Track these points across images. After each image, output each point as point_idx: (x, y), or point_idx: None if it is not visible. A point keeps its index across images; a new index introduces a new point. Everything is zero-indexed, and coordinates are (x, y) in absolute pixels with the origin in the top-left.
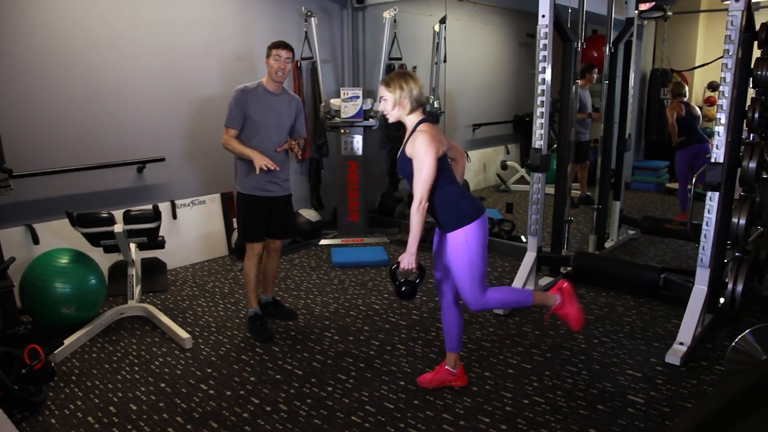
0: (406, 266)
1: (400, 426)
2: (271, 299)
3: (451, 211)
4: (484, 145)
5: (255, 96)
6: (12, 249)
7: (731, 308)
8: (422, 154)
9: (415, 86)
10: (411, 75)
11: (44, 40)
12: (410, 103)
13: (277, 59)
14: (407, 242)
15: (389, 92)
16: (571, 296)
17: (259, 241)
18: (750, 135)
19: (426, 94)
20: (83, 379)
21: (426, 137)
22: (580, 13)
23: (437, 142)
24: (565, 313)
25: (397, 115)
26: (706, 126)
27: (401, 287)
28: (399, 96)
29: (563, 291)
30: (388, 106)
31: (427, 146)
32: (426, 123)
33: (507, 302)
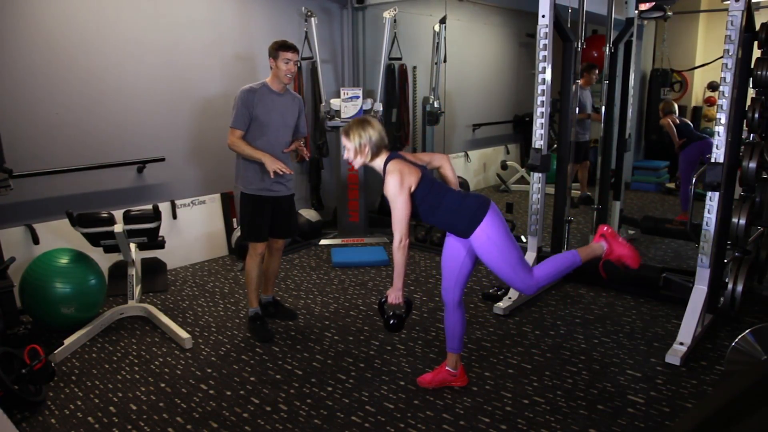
0: (394, 301)
1: (400, 426)
2: (271, 299)
3: (460, 216)
4: (484, 145)
5: (261, 96)
6: (12, 249)
7: (731, 308)
8: (393, 196)
9: (374, 132)
10: (369, 121)
11: (44, 40)
12: (371, 149)
13: (287, 62)
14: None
15: (350, 141)
16: (615, 238)
17: (264, 241)
18: (750, 135)
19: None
20: (83, 379)
21: (394, 178)
22: (580, 13)
23: (407, 176)
24: (617, 256)
25: (360, 162)
26: (706, 126)
27: (389, 320)
28: (359, 144)
29: (606, 236)
30: (351, 155)
31: (396, 187)
32: (392, 161)
33: (558, 272)
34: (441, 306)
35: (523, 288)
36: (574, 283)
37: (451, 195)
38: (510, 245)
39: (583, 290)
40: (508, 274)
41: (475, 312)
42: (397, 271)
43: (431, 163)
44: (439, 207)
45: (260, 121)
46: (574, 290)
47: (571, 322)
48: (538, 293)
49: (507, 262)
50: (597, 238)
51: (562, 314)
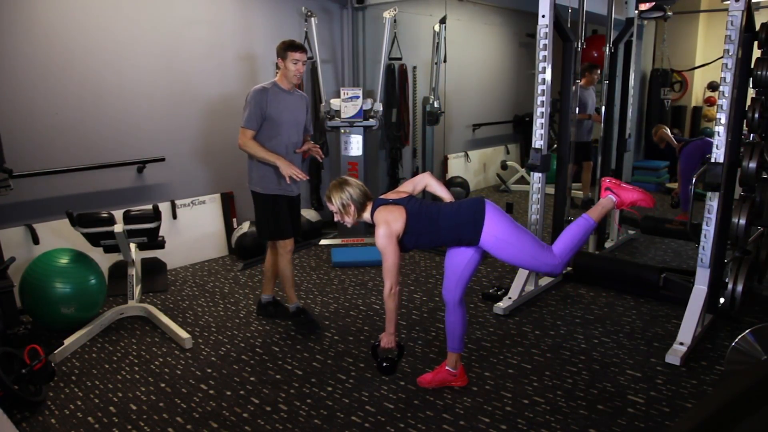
0: (386, 345)
1: (400, 426)
2: (271, 299)
3: (462, 228)
4: (484, 145)
5: (273, 96)
6: (12, 249)
7: (731, 308)
8: (382, 247)
9: (353, 189)
10: (346, 181)
11: (44, 40)
12: (354, 205)
13: (295, 63)
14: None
15: (333, 205)
16: (620, 187)
17: (290, 237)
18: (750, 135)
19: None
20: (83, 379)
21: (382, 230)
22: (580, 13)
23: (393, 224)
24: (629, 202)
25: (351, 220)
26: (706, 126)
27: (382, 363)
28: (341, 205)
29: (611, 187)
30: (340, 217)
31: (384, 238)
32: (378, 210)
33: (577, 241)
34: (441, 306)
35: (550, 270)
36: (574, 283)
37: (445, 213)
38: (520, 235)
39: (583, 290)
40: (529, 263)
41: (475, 312)
42: (388, 317)
43: (415, 189)
44: (439, 230)
45: (273, 121)
46: (574, 290)
47: (571, 322)
48: (537, 294)
49: (524, 252)
50: (603, 193)
51: (562, 314)
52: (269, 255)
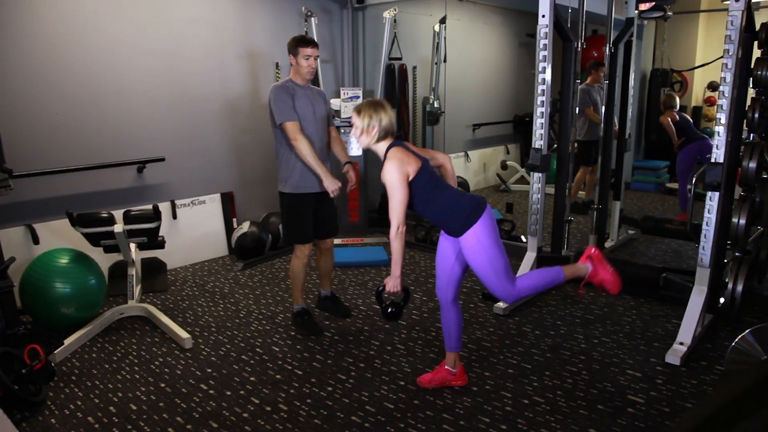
0: (392, 289)
1: (400, 426)
2: (329, 294)
3: (454, 215)
4: (484, 145)
5: (294, 92)
6: (12, 249)
7: (731, 308)
8: (391, 182)
9: (385, 116)
10: (382, 105)
11: (44, 40)
12: (378, 132)
13: (307, 58)
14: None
15: (359, 120)
16: (601, 261)
17: (308, 242)
18: (750, 135)
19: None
20: (83, 379)
21: (393, 164)
22: (580, 13)
23: (407, 165)
24: (599, 279)
25: (365, 142)
26: (706, 126)
27: (387, 308)
28: (367, 124)
29: (593, 258)
30: (356, 132)
31: (394, 173)
32: (394, 148)
33: (539, 286)
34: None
35: (503, 296)
36: (574, 283)
37: (449, 192)
38: (498, 252)
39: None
40: (491, 279)
41: (475, 312)
42: (395, 258)
43: (434, 159)
44: (435, 202)
45: (298, 115)
46: (574, 290)
47: (571, 322)
48: (537, 293)
49: (493, 268)
50: (584, 258)
51: (562, 314)
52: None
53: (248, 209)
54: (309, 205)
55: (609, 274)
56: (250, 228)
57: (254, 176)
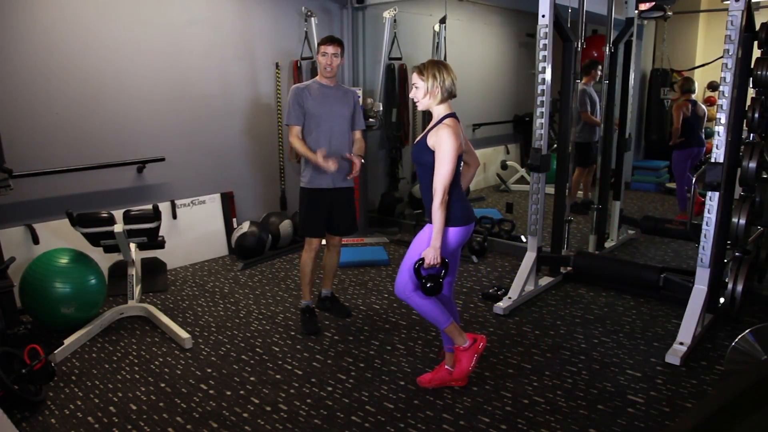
0: (432, 261)
1: (400, 426)
2: (329, 294)
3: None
4: (484, 145)
5: (311, 91)
6: (12, 249)
7: (731, 308)
8: (446, 150)
9: (448, 76)
10: (445, 65)
11: (44, 40)
12: (441, 93)
13: (324, 55)
14: (431, 236)
15: (422, 80)
16: (476, 353)
17: (319, 237)
18: (750, 135)
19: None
20: (83, 379)
21: (451, 132)
22: (580, 13)
23: (459, 140)
24: (458, 358)
25: (427, 103)
26: (706, 126)
27: (427, 284)
28: (431, 85)
29: (477, 341)
30: (419, 93)
31: (451, 142)
32: (452, 118)
33: (425, 312)
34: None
35: (400, 288)
36: (574, 283)
37: (458, 190)
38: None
39: (583, 290)
40: (404, 272)
41: (475, 312)
42: (436, 228)
43: (469, 153)
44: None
45: (312, 114)
46: (574, 290)
47: (571, 322)
48: (537, 293)
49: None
50: (471, 335)
51: (562, 314)
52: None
53: (248, 209)
54: (322, 200)
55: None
56: (250, 228)
57: (254, 176)
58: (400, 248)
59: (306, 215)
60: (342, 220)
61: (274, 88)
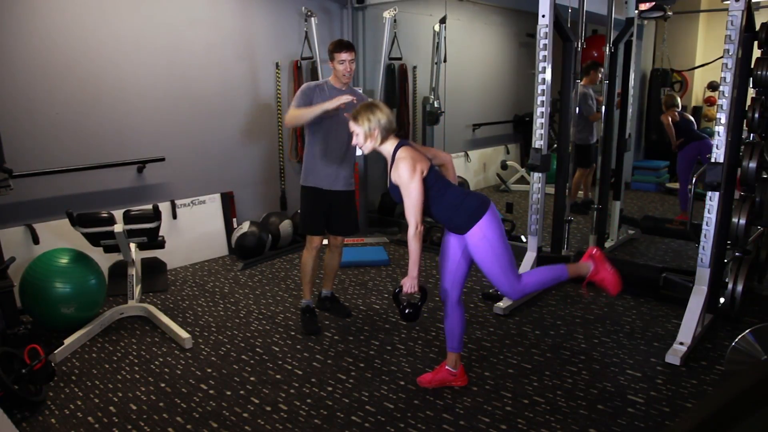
0: (409, 290)
1: (400, 426)
2: (329, 294)
3: (459, 212)
4: (484, 145)
5: (321, 91)
6: (12, 249)
7: (731, 308)
8: (406, 181)
9: (383, 115)
10: (377, 105)
11: (44, 40)
12: (380, 132)
13: (342, 63)
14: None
15: (359, 126)
16: (602, 262)
17: (318, 234)
18: (750, 135)
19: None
20: (83, 379)
21: (407, 163)
22: (580, 13)
23: (419, 163)
24: (600, 278)
25: (370, 146)
26: (706, 126)
27: (405, 310)
28: (368, 128)
29: (594, 257)
30: (360, 139)
31: (408, 172)
32: (403, 147)
33: (544, 282)
34: (441, 306)
35: (510, 292)
36: (574, 283)
37: (453, 190)
38: (504, 248)
39: (583, 290)
40: (498, 275)
41: (475, 312)
42: (412, 258)
43: (435, 158)
44: (441, 200)
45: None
46: (574, 290)
47: (571, 322)
48: (537, 293)
49: (499, 264)
50: (586, 257)
51: (562, 314)
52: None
53: (248, 209)
54: (319, 199)
55: (609, 274)
56: (250, 228)
57: (254, 176)
58: (400, 248)
59: (305, 213)
60: (341, 221)
61: (274, 88)
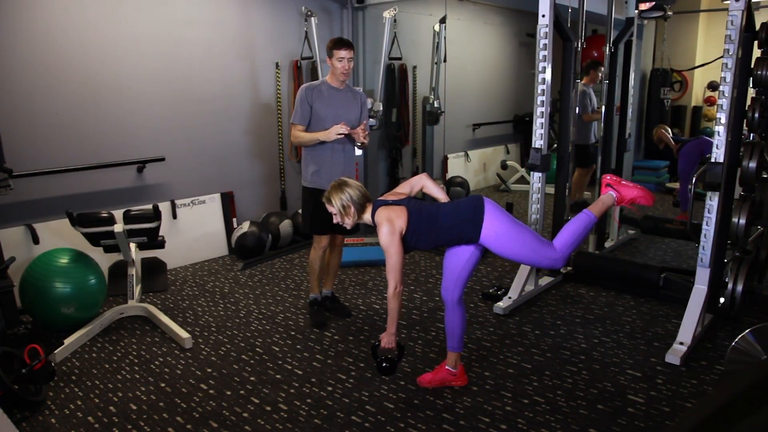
0: (387, 345)
1: (400, 426)
2: (329, 294)
3: (462, 227)
4: (484, 145)
5: (319, 92)
6: (12, 249)
7: (731, 308)
8: (386, 245)
9: (352, 190)
10: (344, 182)
11: (44, 40)
12: (355, 206)
13: (341, 60)
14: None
15: (333, 207)
16: (621, 184)
17: (325, 234)
18: (750, 135)
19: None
20: (83, 379)
21: (385, 227)
22: (580, 13)
23: (396, 222)
24: (629, 199)
25: (351, 222)
26: (706, 126)
27: (382, 363)
28: (342, 207)
29: (612, 184)
30: (340, 218)
31: (388, 235)
32: (378, 209)
33: (578, 235)
34: (441, 306)
35: (551, 263)
36: (574, 283)
37: (445, 211)
38: (520, 230)
39: (583, 290)
40: (530, 257)
41: (475, 312)
42: (391, 316)
43: (413, 190)
44: (440, 229)
45: (318, 116)
46: (574, 290)
47: (571, 322)
48: (537, 293)
49: (525, 246)
50: (603, 189)
51: (562, 314)
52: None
53: (248, 209)
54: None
55: (635, 190)
56: (250, 228)
57: (254, 176)
58: None
59: (311, 214)
60: None
61: (274, 88)
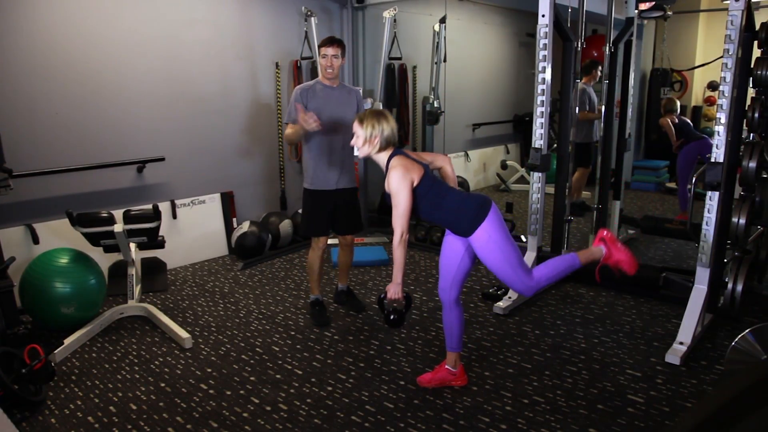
0: (393, 296)
1: (400, 426)
2: (345, 288)
3: (460, 216)
4: (484, 145)
5: (314, 92)
6: (12, 249)
7: (731, 308)
8: (396, 190)
9: (387, 126)
10: (384, 115)
11: (44, 40)
12: (380, 142)
13: (325, 57)
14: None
15: (362, 129)
16: (614, 243)
17: (322, 235)
18: (750, 135)
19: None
20: (83, 379)
21: (398, 172)
22: (580, 13)
23: (411, 172)
24: (615, 261)
25: (366, 151)
26: (706, 126)
27: (389, 316)
28: (370, 134)
29: (606, 240)
30: (359, 141)
31: (399, 181)
32: (397, 156)
33: (557, 273)
34: (441, 305)
35: (523, 289)
36: (574, 283)
37: (453, 194)
38: (510, 246)
39: (583, 290)
40: (508, 274)
41: (475, 312)
42: (397, 265)
43: (433, 162)
44: (441, 205)
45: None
46: (574, 290)
47: (571, 322)
48: (538, 293)
49: (508, 263)
50: (597, 242)
51: (562, 314)
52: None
53: (248, 209)
54: (324, 201)
55: (624, 254)
56: (250, 228)
57: (254, 176)
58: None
59: (308, 216)
60: (347, 220)
61: (274, 87)
